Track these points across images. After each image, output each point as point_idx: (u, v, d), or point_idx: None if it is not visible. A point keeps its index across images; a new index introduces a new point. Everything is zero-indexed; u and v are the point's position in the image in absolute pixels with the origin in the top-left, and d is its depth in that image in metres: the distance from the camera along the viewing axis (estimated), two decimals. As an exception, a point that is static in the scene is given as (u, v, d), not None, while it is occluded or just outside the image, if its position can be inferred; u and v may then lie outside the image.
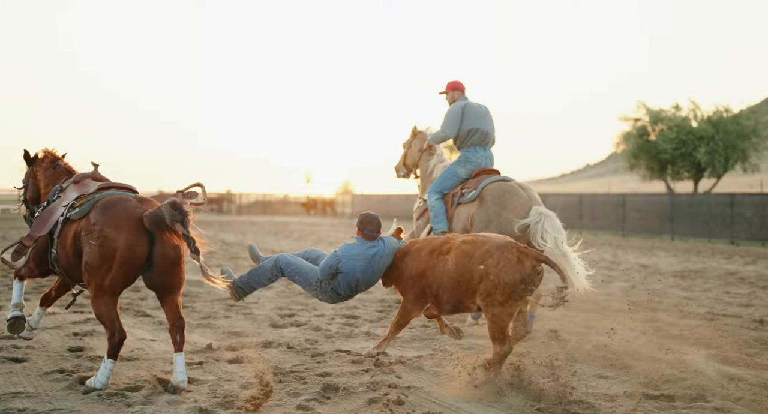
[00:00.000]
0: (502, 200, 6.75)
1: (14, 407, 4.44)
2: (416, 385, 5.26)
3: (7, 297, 8.63)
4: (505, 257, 4.98)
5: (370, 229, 5.71)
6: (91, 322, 7.39)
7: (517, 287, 4.92)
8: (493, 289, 4.97)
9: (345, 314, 8.30)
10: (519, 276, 4.92)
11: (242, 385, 5.14)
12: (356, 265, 5.63)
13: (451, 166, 7.44)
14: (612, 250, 20.77)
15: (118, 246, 4.83)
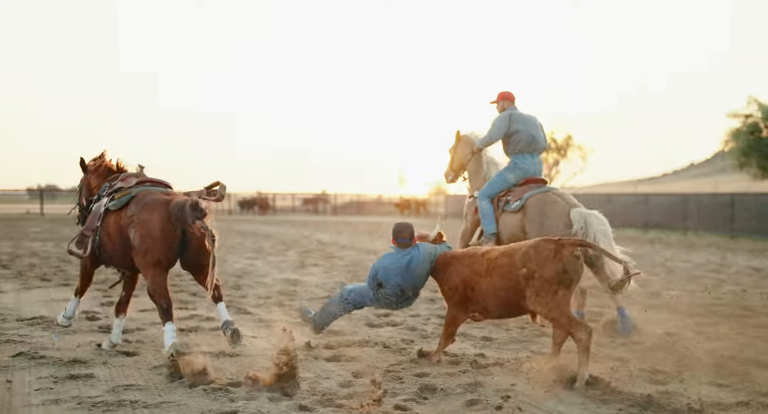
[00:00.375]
0: (542, 211, 7.16)
1: (127, 399, 4.63)
2: (515, 387, 5.15)
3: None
4: (542, 253, 5.20)
5: (403, 236, 5.99)
6: (196, 319, 7.65)
7: (562, 277, 5.15)
8: (541, 287, 5.18)
9: (440, 315, 8.24)
10: (561, 266, 5.14)
11: (341, 383, 5.19)
12: (393, 274, 5.97)
13: (502, 172, 7.76)
14: (720, 252, 19.78)
15: (154, 226, 5.61)
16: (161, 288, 5.74)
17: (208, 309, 8.37)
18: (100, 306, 8.44)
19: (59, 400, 4.56)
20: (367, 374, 5.43)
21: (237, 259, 15.23)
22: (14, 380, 5.01)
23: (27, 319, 7.36)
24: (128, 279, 6.45)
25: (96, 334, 6.70)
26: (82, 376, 5.17)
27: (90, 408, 4.43)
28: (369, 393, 4.72)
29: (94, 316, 7.63)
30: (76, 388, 4.86)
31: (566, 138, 54.31)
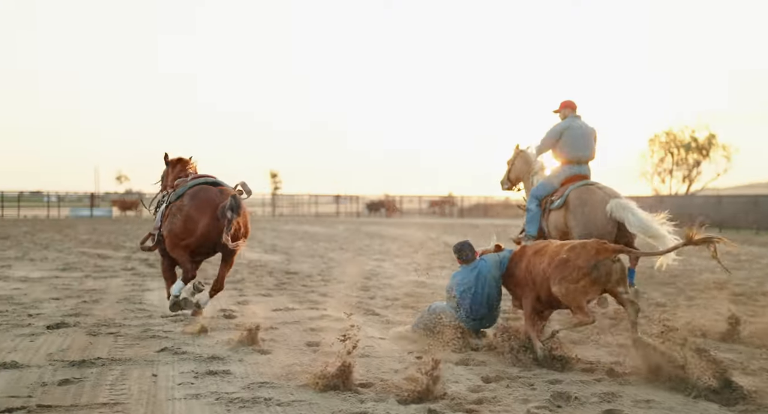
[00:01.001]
0: (582, 201, 7.56)
1: (261, 396, 4.76)
2: (655, 399, 4.86)
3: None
4: (585, 249, 5.71)
5: (465, 255, 6.54)
6: (326, 319, 7.79)
7: (592, 272, 5.61)
8: (569, 272, 5.67)
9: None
10: (593, 262, 5.61)
11: (470, 387, 5.09)
12: (467, 288, 6.37)
13: (549, 177, 8.27)
14: None
15: (198, 226, 6.80)
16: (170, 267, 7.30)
17: (337, 309, 8.52)
18: (236, 304, 8.77)
19: (199, 395, 4.75)
20: (497, 379, 5.32)
21: (365, 260, 15.44)
22: (159, 374, 5.28)
23: (170, 315, 7.76)
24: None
25: (232, 332, 6.95)
26: (220, 372, 5.37)
27: (227, 403, 4.59)
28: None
29: (230, 315, 7.94)
30: (214, 384, 5.05)
31: (708, 137, 51.35)
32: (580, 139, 8.04)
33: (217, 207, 6.75)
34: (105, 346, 6.17)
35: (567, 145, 8.03)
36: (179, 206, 6.90)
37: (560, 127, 8.12)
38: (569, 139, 8.03)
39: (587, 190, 7.68)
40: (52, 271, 12.23)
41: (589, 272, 5.63)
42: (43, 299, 8.84)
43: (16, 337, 6.44)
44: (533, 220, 8.12)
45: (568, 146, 8.03)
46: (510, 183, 9.07)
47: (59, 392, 4.73)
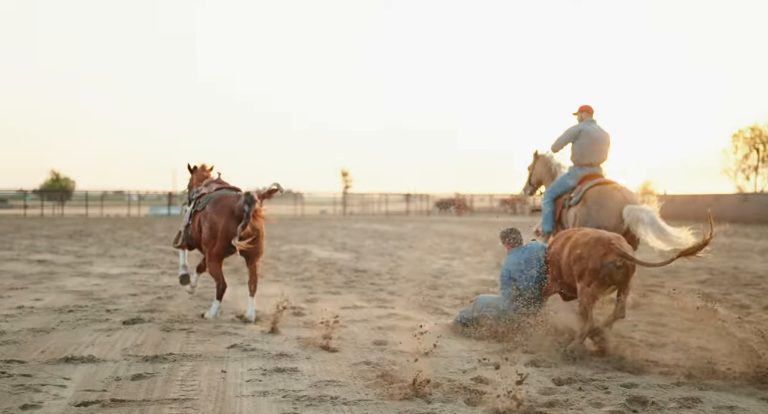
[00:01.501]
0: (599, 201, 7.79)
1: (328, 394, 4.74)
2: (739, 405, 4.61)
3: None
4: (596, 249, 5.98)
5: (514, 237, 6.94)
6: (394, 318, 7.75)
7: (598, 273, 5.91)
8: (582, 272, 6.01)
9: (650, 321, 7.68)
10: (600, 264, 5.91)
11: (540, 390, 4.96)
12: (523, 268, 6.65)
13: (563, 177, 8.57)
14: None
15: (219, 228, 7.44)
16: (217, 270, 7.67)
17: (406, 307, 8.47)
18: (305, 302, 8.83)
19: (267, 393, 4.77)
20: (569, 382, 5.15)
21: (434, 259, 15.34)
22: (228, 371, 5.34)
23: (240, 312, 7.86)
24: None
25: (301, 330, 6.99)
26: (287, 369, 5.39)
27: (294, 401, 4.59)
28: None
29: (299, 312, 7.99)
30: (282, 381, 5.07)
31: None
32: (592, 143, 8.41)
33: (234, 208, 7.45)
34: (177, 342, 6.29)
35: (580, 147, 8.42)
36: (204, 214, 7.68)
37: (576, 129, 8.48)
38: (583, 141, 8.41)
39: (605, 190, 7.95)
40: (130, 268, 12.62)
41: (597, 273, 5.95)
42: (120, 295, 9.12)
43: (94, 332, 6.64)
44: (548, 219, 8.52)
45: (581, 149, 8.42)
46: (532, 187, 9.51)
47: (132, 387, 4.83)
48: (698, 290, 10.25)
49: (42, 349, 5.90)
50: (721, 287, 10.68)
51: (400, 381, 5.07)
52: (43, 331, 6.65)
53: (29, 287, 9.75)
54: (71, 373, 5.15)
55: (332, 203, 56.38)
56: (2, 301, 8.51)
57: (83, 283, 10.29)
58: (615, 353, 6.07)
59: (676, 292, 7.93)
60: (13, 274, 11.37)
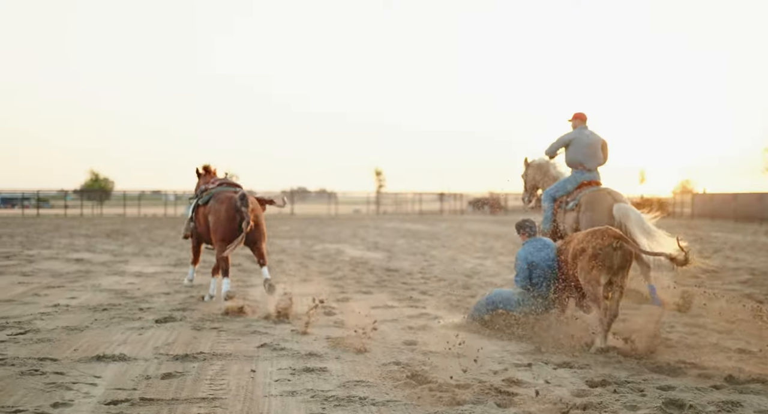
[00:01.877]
0: (591, 206, 8.32)
1: (356, 395, 4.70)
2: (782, 410, 4.44)
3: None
4: (593, 236, 6.42)
5: (529, 227, 7.17)
6: (424, 318, 7.68)
7: (597, 255, 6.22)
8: (583, 260, 6.33)
9: (687, 322, 7.49)
10: (598, 246, 6.23)
11: (574, 391, 4.85)
12: (540, 255, 6.89)
13: (563, 181, 9.03)
14: None
15: (221, 215, 8.38)
16: (223, 253, 8.42)
17: (437, 307, 8.40)
18: (336, 301, 8.80)
19: (295, 392, 4.75)
20: (603, 384, 5.03)
21: (467, 258, 15.21)
22: (258, 370, 5.32)
23: (271, 311, 7.86)
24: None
25: (331, 329, 6.96)
26: (316, 369, 5.35)
27: (322, 402, 4.55)
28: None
29: (330, 312, 7.96)
30: (311, 381, 5.04)
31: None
32: (585, 149, 8.86)
33: (232, 200, 8.47)
34: (208, 341, 6.31)
35: (573, 154, 8.88)
36: (208, 208, 8.65)
37: (568, 137, 8.95)
38: (576, 148, 8.88)
39: (598, 195, 8.50)
40: (164, 267, 12.75)
41: (596, 258, 6.22)
42: (154, 294, 9.21)
43: (127, 330, 6.69)
44: (548, 218, 9.00)
45: (574, 155, 8.88)
46: (529, 194, 9.90)
47: (162, 386, 4.84)
48: (739, 291, 10.00)
49: (75, 347, 5.96)
50: (763, 288, 10.39)
51: (429, 382, 5.01)
52: (77, 329, 6.72)
53: (66, 286, 9.90)
54: (102, 371, 5.19)
55: (366, 202, 56.38)
56: (39, 299, 8.65)
57: (118, 282, 10.42)
58: (651, 354, 5.94)
59: (715, 293, 7.75)
60: (51, 272, 11.56)
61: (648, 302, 7.40)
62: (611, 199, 8.32)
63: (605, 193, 8.49)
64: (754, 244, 20.85)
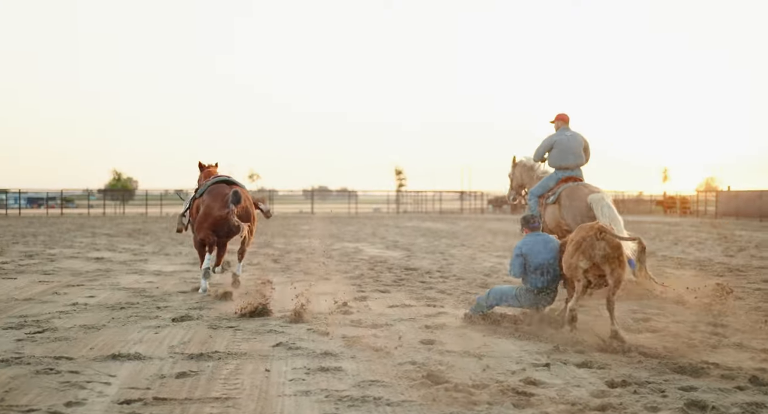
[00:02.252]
0: (570, 197, 9.26)
1: (371, 395, 4.64)
2: (808, 412, 4.31)
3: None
4: (581, 228, 6.79)
5: (533, 223, 7.38)
6: (442, 316, 7.60)
7: (581, 244, 6.55)
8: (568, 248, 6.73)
9: (711, 322, 7.34)
10: (583, 236, 6.59)
11: (593, 392, 4.75)
12: (536, 248, 7.09)
13: (545, 179, 9.82)
14: None
15: (213, 211, 9.02)
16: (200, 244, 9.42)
17: (455, 306, 8.32)
18: (354, 300, 8.75)
19: (309, 392, 4.70)
20: (623, 384, 4.93)
21: (486, 257, 15.10)
22: (272, 369, 5.29)
23: (288, 310, 7.83)
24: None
25: (348, 328, 6.91)
26: (331, 368, 5.30)
27: (336, 402, 4.50)
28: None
29: (348, 311, 7.91)
30: (325, 381, 4.99)
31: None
32: (567, 149, 9.61)
33: (225, 196, 8.93)
34: (223, 340, 6.28)
35: (557, 154, 9.64)
36: (203, 200, 9.24)
37: (551, 140, 9.73)
38: (558, 150, 9.63)
39: (576, 189, 9.36)
40: (183, 265, 12.79)
41: (580, 245, 6.56)
42: (172, 292, 9.22)
43: (143, 329, 6.69)
44: (534, 212, 9.83)
45: (557, 155, 9.64)
46: (515, 192, 10.72)
47: (176, 385, 4.82)
48: (765, 290, 9.80)
49: (91, 345, 5.97)
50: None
51: (445, 382, 4.94)
52: (93, 327, 6.74)
53: (85, 284, 9.95)
54: (117, 370, 5.18)
55: (386, 201, 56.32)
56: (58, 297, 8.69)
57: (137, 281, 10.45)
58: (673, 354, 5.81)
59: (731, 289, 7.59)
60: (71, 271, 11.64)
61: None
62: (587, 191, 9.20)
63: (582, 186, 9.39)
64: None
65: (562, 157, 9.64)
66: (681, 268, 12.82)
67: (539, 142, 9.96)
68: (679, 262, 13.91)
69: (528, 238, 7.29)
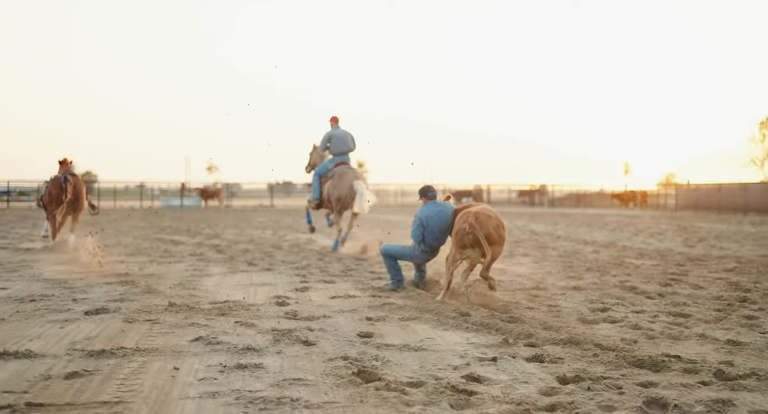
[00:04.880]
0: (340, 177, 13.11)
1: (289, 396, 4.02)
2: (781, 410, 3.82)
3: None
4: (462, 219, 7.50)
5: (432, 191, 8.18)
6: (386, 308, 7.02)
7: (457, 234, 7.48)
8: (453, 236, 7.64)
9: (672, 312, 6.88)
10: (459, 228, 7.44)
11: (542, 389, 4.20)
12: (434, 218, 7.94)
13: (326, 162, 13.61)
14: None
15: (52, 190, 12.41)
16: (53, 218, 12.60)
17: (404, 297, 7.75)
18: (293, 291, 8.13)
19: (217, 393, 4.06)
20: (576, 380, 4.40)
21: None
22: (182, 367, 4.63)
23: (219, 302, 7.18)
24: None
25: (280, 320, 6.29)
26: (251, 365, 4.67)
27: (246, 404, 3.87)
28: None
29: (284, 302, 7.28)
30: (240, 380, 4.36)
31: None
32: (340, 141, 13.47)
33: (59, 183, 12.34)
34: (136, 335, 5.60)
35: (333, 146, 13.48)
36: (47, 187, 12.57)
37: (328, 135, 13.57)
38: (335, 141, 13.46)
39: (345, 172, 13.22)
40: (120, 256, 11.99)
41: (456, 235, 7.49)
42: (95, 284, 8.46)
43: (47, 324, 5.97)
44: (315, 189, 13.62)
45: (334, 146, 13.48)
46: (311, 167, 14.62)
47: (61, 387, 4.13)
48: (726, 279, 9.43)
49: (-22, 342, 5.23)
50: (750, 276, 9.83)
51: (377, 379, 4.35)
52: (-8, 322, 5.99)
53: (2, 275, 9.13)
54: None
55: (348, 195, 55.37)
56: (-33, 290, 7.88)
57: (62, 272, 9.64)
58: (631, 346, 5.31)
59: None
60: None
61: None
62: (353, 175, 13.18)
63: (351, 170, 13.32)
64: (739, 233, 20.38)
65: (337, 147, 13.46)
66: (641, 258, 12.44)
67: (321, 137, 13.73)
68: (640, 253, 13.54)
69: (426, 207, 8.05)
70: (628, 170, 69.74)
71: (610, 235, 19.36)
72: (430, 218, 7.93)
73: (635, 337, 5.73)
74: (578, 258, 12.36)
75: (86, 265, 10.25)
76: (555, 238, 18.17)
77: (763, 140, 53.66)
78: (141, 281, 8.69)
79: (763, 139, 53.67)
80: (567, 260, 11.95)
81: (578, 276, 9.70)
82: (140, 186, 54.22)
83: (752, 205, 36.85)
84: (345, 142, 13.43)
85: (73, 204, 12.43)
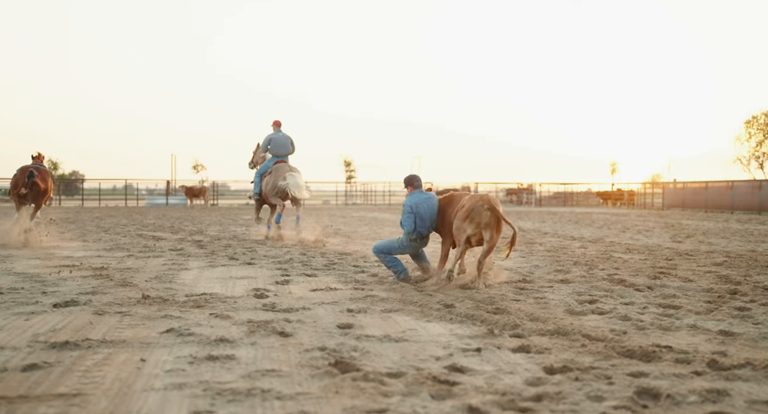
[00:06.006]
0: (276, 172, 14.62)
1: (260, 387, 3.79)
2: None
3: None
4: (473, 198, 7.58)
5: (418, 180, 8.24)
6: (369, 300, 6.79)
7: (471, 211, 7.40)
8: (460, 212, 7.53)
9: (661, 304, 6.69)
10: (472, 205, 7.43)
11: (527, 380, 3.99)
12: (423, 206, 8.00)
13: (266, 161, 15.05)
14: None
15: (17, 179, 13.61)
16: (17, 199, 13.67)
17: (386, 290, 7.53)
18: (274, 284, 7.89)
19: (184, 385, 3.82)
20: (564, 370, 4.19)
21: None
22: (149, 359, 4.38)
23: (195, 295, 6.93)
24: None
25: (257, 312, 6.05)
26: (222, 357, 4.43)
27: (214, 396, 3.64)
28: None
29: (263, 294, 7.04)
30: (210, 371, 4.12)
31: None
32: (280, 144, 14.92)
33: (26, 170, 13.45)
34: (104, 327, 5.34)
35: (274, 147, 14.90)
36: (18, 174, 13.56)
37: (269, 137, 14.96)
38: (275, 143, 14.91)
39: (280, 167, 14.65)
40: (98, 251, 11.70)
41: (470, 212, 7.40)
42: (68, 277, 8.18)
43: (11, 316, 5.70)
44: (257, 184, 15.00)
45: (274, 148, 14.90)
46: (254, 164, 15.80)
47: (16, 380, 3.87)
48: (715, 272, 9.27)
49: (-63, 334, 4.96)
50: (740, 269, 9.68)
51: (355, 370, 4.13)
52: (-46, 315, 5.71)
53: (-28, 270, 8.84)
54: (-47, 362, 4.20)
55: (335, 194, 55.22)
56: (-67, 284, 7.58)
57: (36, 266, 9.35)
58: (621, 337, 5.11)
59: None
60: (-33, 258, 10.45)
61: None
62: (288, 169, 14.60)
63: (286, 166, 14.72)
64: (727, 230, 20.31)
65: (277, 149, 14.93)
66: (629, 253, 12.28)
67: (263, 139, 15.16)
68: (628, 248, 13.39)
69: (413, 195, 8.11)
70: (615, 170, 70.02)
71: (597, 231, 19.22)
72: (419, 205, 7.96)
73: (624, 328, 5.54)
74: (566, 253, 12.18)
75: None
76: (542, 234, 18.01)
77: (749, 139, 53.81)
78: (116, 275, 8.43)
79: (749, 138, 53.82)
80: (554, 255, 11.78)
81: (566, 270, 9.51)
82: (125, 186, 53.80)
83: (739, 204, 36.92)
84: (284, 146, 14.98)
85: (36, 194, 13.62)
